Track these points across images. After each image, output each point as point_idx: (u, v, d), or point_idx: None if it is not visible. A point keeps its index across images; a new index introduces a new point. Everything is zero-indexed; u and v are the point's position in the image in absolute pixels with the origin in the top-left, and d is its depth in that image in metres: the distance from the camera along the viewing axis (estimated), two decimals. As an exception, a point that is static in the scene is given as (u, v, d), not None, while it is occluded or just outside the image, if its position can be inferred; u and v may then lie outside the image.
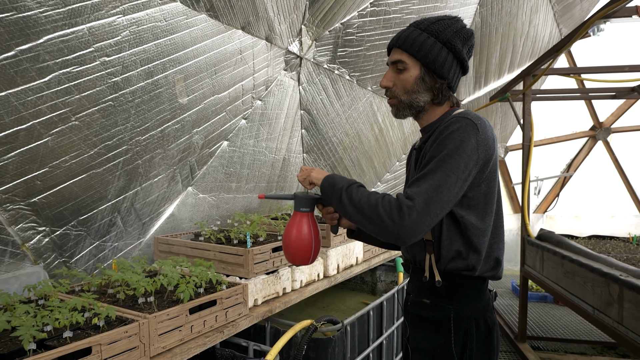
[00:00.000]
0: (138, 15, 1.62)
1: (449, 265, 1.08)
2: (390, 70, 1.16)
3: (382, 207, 0.97)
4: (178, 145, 2.14)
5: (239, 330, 1.45)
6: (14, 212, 1.56)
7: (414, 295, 1.19)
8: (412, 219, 0.94)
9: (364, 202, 1.00)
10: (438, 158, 1.00)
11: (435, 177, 0.97)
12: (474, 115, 1.05)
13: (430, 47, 1.10)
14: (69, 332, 1.03)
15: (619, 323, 1.89)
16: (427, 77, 1.12)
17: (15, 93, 1.37)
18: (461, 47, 1.12)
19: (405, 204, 0.95)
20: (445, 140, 1.01)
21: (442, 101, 1.15)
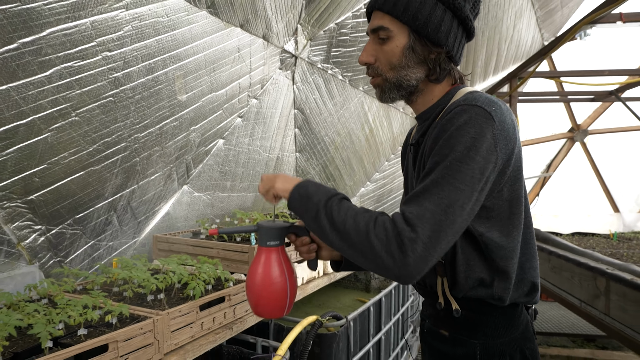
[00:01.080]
0: (140, 10, 1.60)
1: (469, 293, 0.85)
2: (371, 41, 0.90)
3: (376, 236, 0.71)
4: (175, 143, 2.12)
5: (246, 327, 1.45)
6: (10, 210, 1.52)
7: (430, 322, 0.97)
8: (416, 255, 0.69)
9: (350, 227, 0.74)
10: (444, 164, 0.74)
11: (442, 193, 0.72)
12: (485, 100, 0.79)
13: (419, 4, 0.83)
14: (83, 329, 1.01)
15: (606, 314, 1.98)
16: (418, 46, 0.86)
17: (16, 87, 1.33)
18: (462, 1, 0.85)
19: (406, 235, 0.70)
20: (451, 139, 0.76)
21: (440, 77, 0.89)
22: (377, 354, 2.06)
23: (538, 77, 3.39)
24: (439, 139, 0.79)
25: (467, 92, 0.85)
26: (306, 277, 1.93)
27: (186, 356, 1.19)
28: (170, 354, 1.17)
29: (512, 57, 4.55)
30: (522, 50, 4.54)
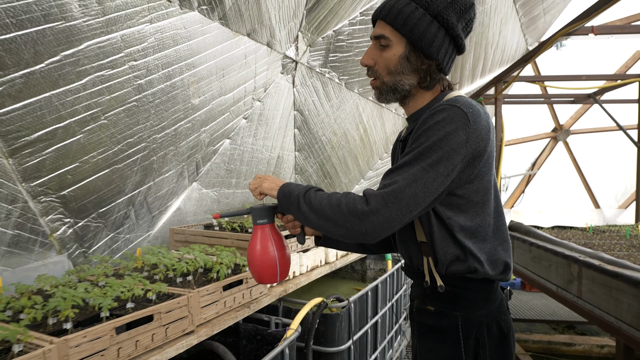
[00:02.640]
0: (162, 24, 1.77)
1: (449, 268, 0.97)
2: (373, 46, 1.01)
3: (346, 204, 0.87)
4: (188, 143, 2.29)
5: (261, 307, 1.64)
6: (46, 204, 1.68)
7: (418, 301, 1.07)
8: (379, 211, 0.84)
9: (325, 205, 0.90)
10: (418, 150, 0.88)
11: (411, 170, 0.86)
12: (465, 103, 0.90)
13: (417, 20, 0.94)
14: (130, 303, 1.19)
15: (578, 297, 2.21)
16: (412, 56, 0.97)
17: (57, 94, 1.50)
18: (455, 21, 0.95)
19: (372, 194, 0.86)
20: (428, 130, 0.88)
21: (430, 85, 1.00)
22: (374, 335, 2.27)
23: (521, 81, 3.63)
24: (419, 129, 0.91)
25: (452, 95, 0.98)
26: (310, 266, 2.12)
27: (213, 329, 1.38)
28: (200, 326, 1.35)
29: (498, 61, 4.79)
30: (508, 54, 4.78)
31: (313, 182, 3.75)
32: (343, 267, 3.19)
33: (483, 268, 0.96)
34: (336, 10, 2.87)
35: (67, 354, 0.94)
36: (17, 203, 1.55)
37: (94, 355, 1.00)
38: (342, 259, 2.45)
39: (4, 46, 1.27)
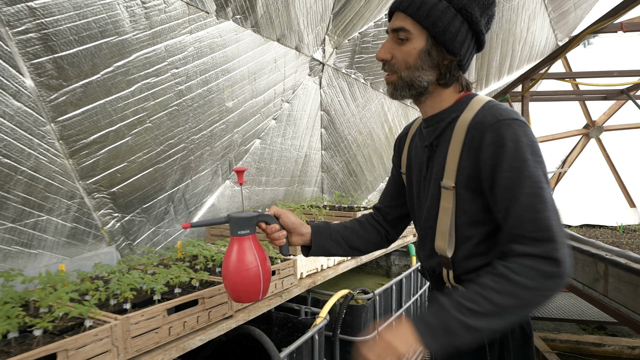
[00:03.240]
0: (201, 34, 1.92)
1: (476, 278, 0.90)
2: (390, 39, 0.95)
3: (527, 278, 0.78)
4: (222, 143, 2.44)
5: (291, 297, 1.76)
6: (99, 199, 1.85)
7: None
8: (566, 258, 0.79)
9: (499, 301, 0.78)
10: (524, 175, 0.82)
11: (544, 198, 0.81)
12: (512, 111, 0.89)
13: (441, 12, 0.88)
14: (178, 289, 1.33)
15: (604, 295, 2.21)
16: (434, 51, 0.91)
17: (109, 101, 1.66)
18: (479, 16, 0.90)
19: (551, 251, 0.78)
20: (515, 152, 0.84)
21: (449, 82, 0.94)
22: (399, 327, 2.35)
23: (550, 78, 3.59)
24: (497, 155, 0.84)
25: (484, 102, 0.93)
26: (337, 260, 2.23)
27: (249, 314, 1.50)
28: (238, 312, 1.48)
29: (527, 57, 4.73)
30: (536, 50, 4.72)
31: (339, 179, 3.85)
32: (368, 263, 3.28)
33: None
34: (362, 13, 2.95)
35: (128, 329, 1.08)
36: (75, 199, 1.73)
37: (150, 332, 1.15)
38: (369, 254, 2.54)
39: (68, 60, 1.43)
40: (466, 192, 0.91)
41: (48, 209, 1.63)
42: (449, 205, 0.94)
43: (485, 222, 0.92)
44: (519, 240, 0.82)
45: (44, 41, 1.35)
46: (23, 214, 1.54)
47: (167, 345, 1.19)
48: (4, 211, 1.47)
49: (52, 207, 1.64)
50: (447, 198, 0.94)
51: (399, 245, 3.14)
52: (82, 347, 0.97)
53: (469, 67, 0.98)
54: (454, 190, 0.92)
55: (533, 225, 0.80)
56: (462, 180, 0.91)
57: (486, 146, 0.86)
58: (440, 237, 0.96)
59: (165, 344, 1.19)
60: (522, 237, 0.81)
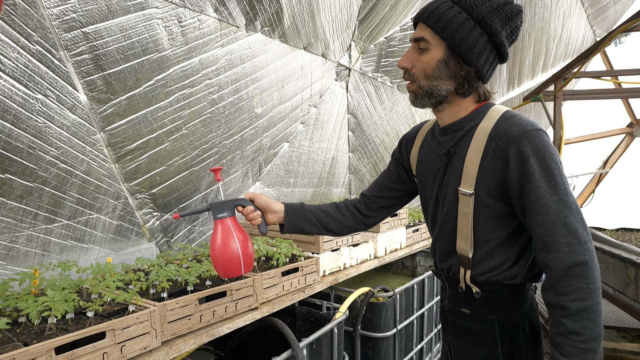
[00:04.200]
0: (231, 47, 2.07)
1: (491, 277, 0.99)
2: (412, 49, 0.98)
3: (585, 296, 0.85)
4: (252, 147, 2.59)
5: (314, 292, 1.87)
6: (141, 200, 2.05)
7: (451, 303, 1.10)
8: (593, 257, 0.87)
9: (591, 331, 0.84)
10: (551, 184, 0.88)
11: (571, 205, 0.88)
12: (532, 122, 0.93)
13: (459, 24, 0.91)
14: (209, 281, 1.47)
15: (635, 301, 2.16)
16: (451, 62, 0.94)
17: (150, 111, 1.84)
18: (500, 27, 0.92)
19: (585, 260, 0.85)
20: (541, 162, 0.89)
21: (467, 92, 0.97)
22: (421, 326, 2.40)
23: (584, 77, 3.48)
24: (527, 165, 0.89)
25: (502, 112, 0.97)
26: (360, 259, 2.32)
27: (273, 307, 1.63)
28: (263, 304, 1.61)
29: (562, 55, 4.59)
30: (573, 47, 4.57)
31: (366, 181, 3.93)
32: (394, 263, 3.33)
33: (523, 272, 0.98)
34: (387, 18, 3.01)
35: (165, 315, 1.23)
36: (120, 199, 1.92)
37: (183, 319, 1.29)
38: (391, 254, 2.61)
39: (115, 77, 1.61)
40: (488, 198, 0.95)
41: (98, 208, 1.83)
42: (467, 210, 0.97)
43: (504, 227, 0.97)
44: (555, 247, 0.88)
45: (95, 61, 1.53)
46: (77, 212, 1.74)
47: (198, 331, 1.33)
48: (61, 210, 1.67)
49: (101, 207, 1.84)
50: (466, 203, 0.97)
51: (425, 247, 3.17)
52: (126, 328, 1.12)
53: (489, 77, 1.00)
54: (473, 197, 0.96)
55: (563, 230, 0.87)
56: (483, 187, 0.95)
57: (514, 156, 0.90)
58: (462, 239, 1.00)
59: (197, 329, 1.34)
60: (556, 243, 0.87)
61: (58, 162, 1.58)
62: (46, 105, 1.46)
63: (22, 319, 1.13)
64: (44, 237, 1.65)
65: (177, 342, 1.26)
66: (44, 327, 1.10)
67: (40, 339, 1.02)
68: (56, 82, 1.46)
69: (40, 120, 1.46)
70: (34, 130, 1.45)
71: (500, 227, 0.97)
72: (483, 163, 0.94)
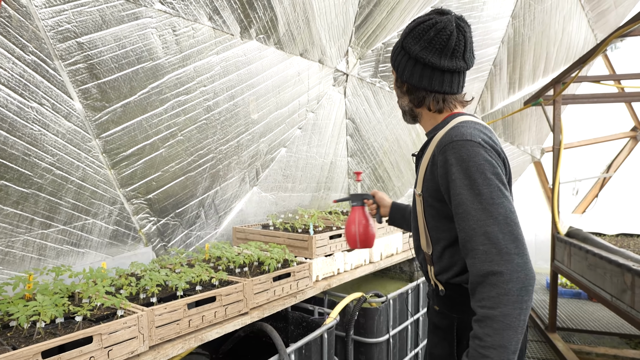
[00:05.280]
0: (226, 54, 2.10)
1: (451, 278, 1.07)
2: None
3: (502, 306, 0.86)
4: (248, 153, 2.61)
5: (306, 297, 1.88)
6: (137, 205, 2.08)
7: (430, 300, 1.21)
8: (520, 265, 0.87)
9: (499, 339, 0.86)
10: (471, 197, 0.92)
11: (490, 212, 0.90)
12: (463, 133, 0.97)
13: (396, 56, 1.11)
14: (199, 286, 1.49)
15: (631, 307, 2.15)
16: (398, 82, 1.14)
17: (145, 118, 1.87)
18: (412, 44, 1.05)
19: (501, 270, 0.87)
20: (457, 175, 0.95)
21: (418, 104, 1.11)
22: (416, 331, 2.40)
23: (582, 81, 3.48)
24: (450, 173, 0.96)
25: (457, 122, 1.02)
26: (354, 264, 2.33)
27: (264, 312, 1.64)
28: (253, 309, 1.62)
29: (563, 59, 4.58)
30: (574, 51, 4.55)
31: (366, 186, 3.94)
32: (391, 268, 3.33)
33: None
34: (384, 24, 3.03)
35: (153, 320, 1.25)
36: (116, 204, 1.95)
37: (172, 324, 1.31)
38: (387, 259, 2.61)
39: (110, 85, 1.65)
40: (432, 200, 1.06)
41: (93, 213, 1.86)
42: (420, 210, 1.11)
43: (450, 229, 1.04)
44: (473, 254, 0.92)
45: (90, 70, 1.57)
46: (73, 217, 1.77)
47: (187, 336, 1.35)
48: (57, 215, 1.71)
49: (97, 212, 1.87)
50: (419, 203, 1.11)
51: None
52: (114, 333, 1.14)
53: (456, 88, 1.08)
54: (421, 197, 1.09)
55: (482, 238, 0.90)
56: (426, 190, 1.07)
57: (442, 164, 0.99)
58: (422, 236, 1.13)
59: (186, 334, 1.35)
60: (474, 250, 0.92)
61: (53, 168, 1.61)
62: (41, 114, 1.50)
63: (14, 323, 1.15)
64: (40, 242, 1.69)
65: (165, 346, 1.28)
66: (34, 331, 1.12)
67: (29, 343, 1.05)
68: (51, 90, 1.49)
69: (36, 128, 1.50)
70: (29, 137, 1.49)
71: (447, 229, 1.05)
72: (427, 168, 1.06)
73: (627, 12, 4.36)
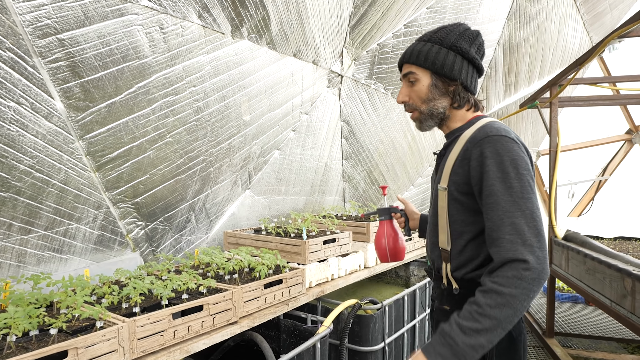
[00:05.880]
0: (217, 53, 2.04)
1: (469, 273, 1.08)
2: (404, 84, 1.18)
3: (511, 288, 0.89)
4: (240, 155, 2.55)
5: (299, 305, 1.81)
6: (123, 209, 2.00)
7: (438, 301, 1.20)
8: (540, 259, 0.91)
9: (494, 313, 0.89)
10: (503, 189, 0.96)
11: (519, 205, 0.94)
12: (497, 129, 1.03)
13: (435, 53, 1.12)
14: (186, 295, 1.42)
15: (632, 313, 2.10)
16: (439, 83, 1.13)
17: (132, 119, 1.80)
18: (468, 46, 1.13)
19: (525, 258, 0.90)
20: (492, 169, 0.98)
21: (461, 103, 1.14)
22: (412, 338, 2.34)
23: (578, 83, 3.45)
24: (484, 165, 1.00)
25: (486, 122, 1.08)
26: (349, 269, 2.26)
27: (254, 321, 1.57)
28: (243, 318, 1.56)
29: (559, 62, 4.56)
30: (570, 54, 4.54)
31: (361, 189, 3.88)
32: (387, 273, 3.27)
33: None
34: (379, 24, 2.99)
35: (134, 331, 1.18)
36: (101, 209, 1.88)
37: (155, 335, 1.24)
38: (382, 264, 2.55)
39: (93, 84, 1.58)
40: (458, 193, 1.08)
41: (77, 217, 1.78)
42: (444, 204, 1.11)
43: (476, 222, 1.07)
44: (498, 242, 0.96)
45: (72, 68, 1.50)
46: (54, 222, 1.70)
47: (171, 348, 1.28)
48: (38, 220, 1.63)
49: (80, 216, 1.79)
50: (442, 198, 1.12)
51: (419, 256, 3.11)
52: (91, 346, 1.07)
53: (476, 88, 1.19)
54: (446, 192, 1.10)
55: (509, 228, 0.94)
56: (453, 183, 1.09)
57: (476, 157, 1.03)
58: (442, 232, 1.13)
59: (170, 346, 1.28)
60: (500, 239, 0.95)
61: (33, 171, 1.54)
62: (19, 113, 1.42)
63: (-16, 336, 1.08)
64: (20, 248, 1.61)
65: (148, 359, 1.21)
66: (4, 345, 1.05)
67: (-2, 359, 0.97)
68: (30, 89, 1.42)
69: (13, 129, 1.42)
70: (6, 139, 1.42)
71: (472, 222, 1.07)
72: (455, 163, 1.09)
73: (623, 15, 4.35)
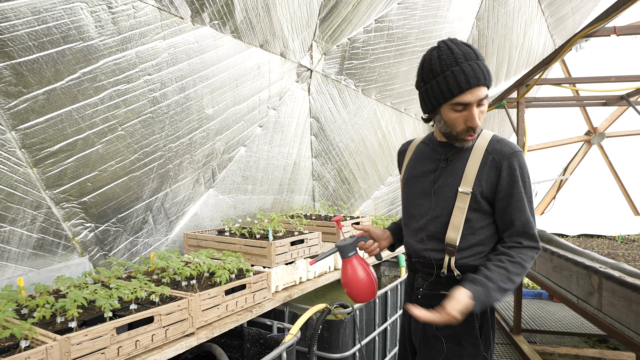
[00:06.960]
0: (175, 39, 1.87)
1: (471, 261, 1.25)
2: (476, 108, 1.19)
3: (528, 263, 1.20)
4: (203, 151, 2.38)
5: (264, 311, 1.68)
6: (68, 209, 1.80)
7: (428, 288, 1.29)
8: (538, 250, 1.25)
9: (516, 279, 1.18)
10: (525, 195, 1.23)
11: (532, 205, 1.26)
12: (515, 145, 1.28)
13: (489, 72, 1.26)
14: (134, 305, 1.26)
15: (599, 310, 2.11)
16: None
17: (76, 108, 1.62)
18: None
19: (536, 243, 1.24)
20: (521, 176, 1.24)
21: None
22: (384, 342, 2.26)
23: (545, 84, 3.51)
24: (514, 177, 1.22)
25: (491, 135, 1.29)
26: (318, 272, 2.15)
27: (214, 331, 1.43)
28: (201, 328, 1.41)
29: (524, 63, 4.65)
30: (534, 56, 4.64)
31: (331, 188, 3.79)
32: (358, 273, 3.19)
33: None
34: (350, 18, 2.90)
35: (68, 351, 1.02)
36: (41, 209, 1.68)
37: (95, 353, 1.08)
38: (353, 265, 2.46)
39: (27, 67, 1.39)
40: (480, 197, 1.24)
41: (11, 219, 1.58)
42: (463, 206, 1.24)
43: (488, 223, 1.27)
44: (523, 235, 1.23)
45: (0, 47, 1.30)
46: (-18, 225, 1.49)
47: (115, 367, 1.12)
48: (-39, 222, 1.42)
49: (15, 218, 1.59)
50: (463, 200, 1.24)
51: (390, 256, 3.05)
52: (12, 371, 0.90)
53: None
54: (470, 195, 1.24)
55: (529, 225, 1.24)
56: (478, 188, 1.24)
57: (506, 168, 1.23)
58: (453, 230, 1.25)
59: (113, 365, 1.12)
60: (524, 233, 1.23)
61: (-47, 165, 1.33)
62: None
63: None
64: (-62, 254, 1.39)
65: (86, 382, 1.05)
66: None
67: None
68: (-54, 70, 1.22)
69: None
70: None
71: (485, 222, 1.26)
72: (481, 171, 1.24)
73: (584, 19, 4.49)
